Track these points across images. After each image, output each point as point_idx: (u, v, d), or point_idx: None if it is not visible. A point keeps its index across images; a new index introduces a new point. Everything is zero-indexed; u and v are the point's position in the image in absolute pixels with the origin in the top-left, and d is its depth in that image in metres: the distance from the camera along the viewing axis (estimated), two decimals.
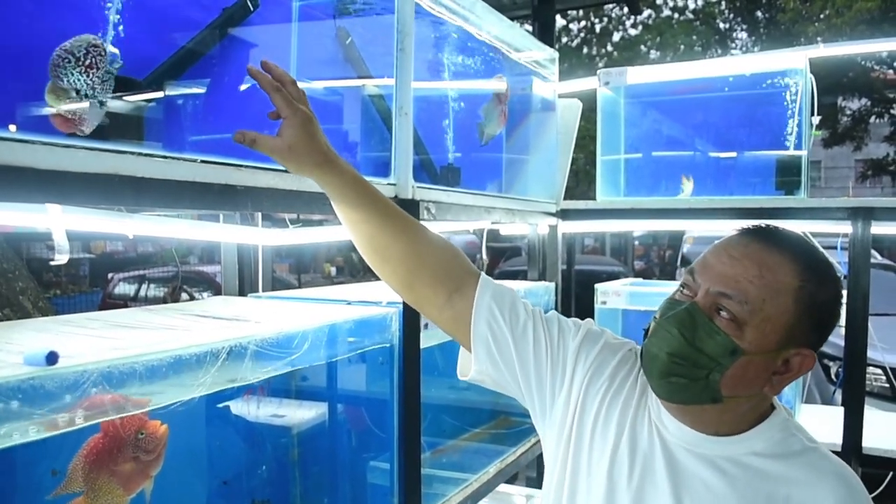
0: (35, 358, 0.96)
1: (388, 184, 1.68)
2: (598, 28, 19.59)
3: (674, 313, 1.06)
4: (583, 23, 19.39)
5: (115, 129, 1.13)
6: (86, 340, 1.23)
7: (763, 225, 1.10)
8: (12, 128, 1.02)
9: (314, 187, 1.43)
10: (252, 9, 1.49)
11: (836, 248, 2.98)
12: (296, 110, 1.09)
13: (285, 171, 1.37)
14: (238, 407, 1.73)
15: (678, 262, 12.36)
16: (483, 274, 1.27)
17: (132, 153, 1.05)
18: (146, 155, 1.07)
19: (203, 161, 1.14)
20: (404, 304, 1.72)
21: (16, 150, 0.90)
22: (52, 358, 0.96)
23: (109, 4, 1.15)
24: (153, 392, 1.11)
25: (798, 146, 2.82)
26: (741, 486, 1.06)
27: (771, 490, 1.05)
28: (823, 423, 2.88)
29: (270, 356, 1.33)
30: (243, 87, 1.51)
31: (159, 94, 1.30)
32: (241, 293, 2.15)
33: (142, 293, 9.70)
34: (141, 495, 1.17)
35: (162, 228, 1.40)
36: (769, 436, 1.09)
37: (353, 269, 18.63)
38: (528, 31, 3.92)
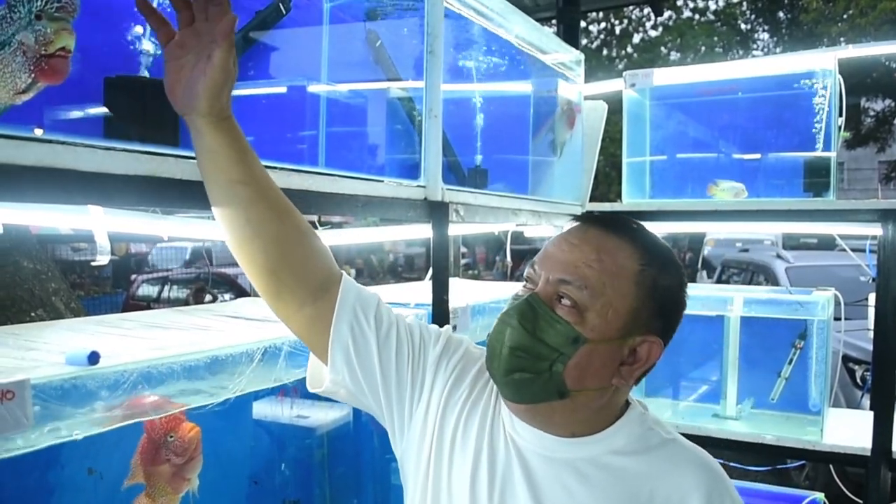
0: (77, 358, 0.97)
1: (418, 186, 1.69)
2: (618, 30, 19.54)
3: (514, 305, 1.02)
4: (603, 24, 19.35)
5: (149, 130, 1.14)
6: (122, 341, 1.25)
7: (603, 213, 1.08)
8: (38, 131, 1.04)
9: (343, 189, 1.45)
10: (284, 12, 1.50)
11: (864, 250, 2.95)
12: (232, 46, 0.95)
13: (316, 174, 1.38)
14: (268, 408, 1.74)
15: (699, 265, 12.27)
16: (346, 275, 1.15)
17: (171, 156, 1.06)
18: (184, 157, 1.08)
19: None
20: (433, 305, 1.72)
21: (59, 152, 0.91)
22: (93, 358, 0.98)
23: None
24: (190, 392, 1.12)
25: (826, 148, 2.80)
26: (603, 489, 1.02)
27: (634, 488, 1.02)
28: (852, 427, 2.85)
29: (305, 357, 1.34)
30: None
31: None
32: None
33: (164, 294, 9.78)
34: (188, 495, 1.18)
35: (193, 230, 1.41)
36: (627, 432, 1.06)
37: (371, 271, 18.68)
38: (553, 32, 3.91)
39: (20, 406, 0.87)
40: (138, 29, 1.22)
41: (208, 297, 8.77)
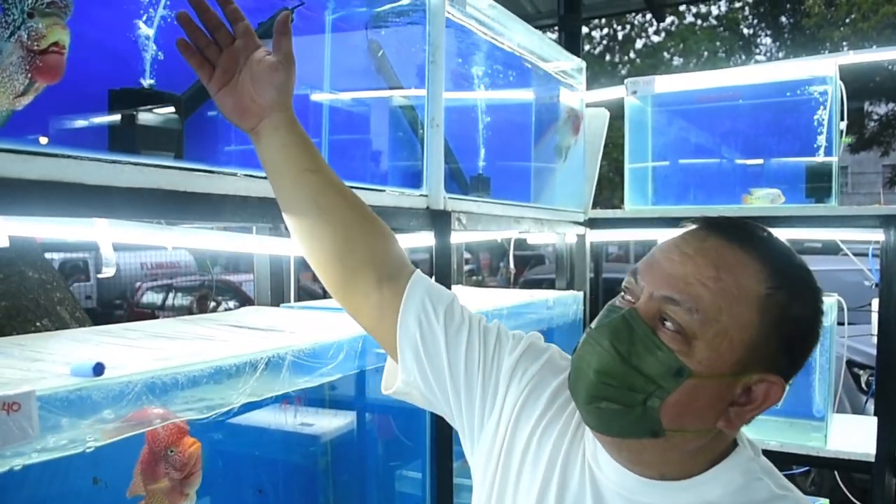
0: (82, 369, 0.98)
1: (420, 195, 1.70)
2: (620, 35, 19.56)
3: (608, 321, 0.86)
4: (605, 30, 19.37)
5: (153, 143, 1.15)
6: (126, 351, 1.25)
7: (727, 218, 0.90)
8: (43, 140, 1.05)
9: None
10: None
11: (867, 255, 2.96)
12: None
13: None
14: (271, 416, 1.75)
15: None
16: (419, 270, 1.11)
17: (175, 168, 1.07)
18: (189, 169, 1.09)
19: (246, 175, 1.16)
20: None
21: (65, 166, 0.92)
22: (98, 369, 0.98)
23: (141, 14, 1.18)
24: (194, 402, 1.13)
25: (828, 153, 2.80)
26: None
27: None
28: (856, 432, 2.85)
29: (307, 367, 1.35)
30: None
31: (197, 109, 1.32)
32: (274, 303, 2.17)
33: (168, 302, 9.81)
34: None
35: (199, 240, 1.43)
36: (727, 480, 0.88)
37: None
38: (553, 39, 3.92)
39: (26, 417, 0.88)
40: (144, 39, 1.23)
41: (212, 304, 8.80)
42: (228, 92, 1.02)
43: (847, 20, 14.79)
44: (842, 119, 2.81)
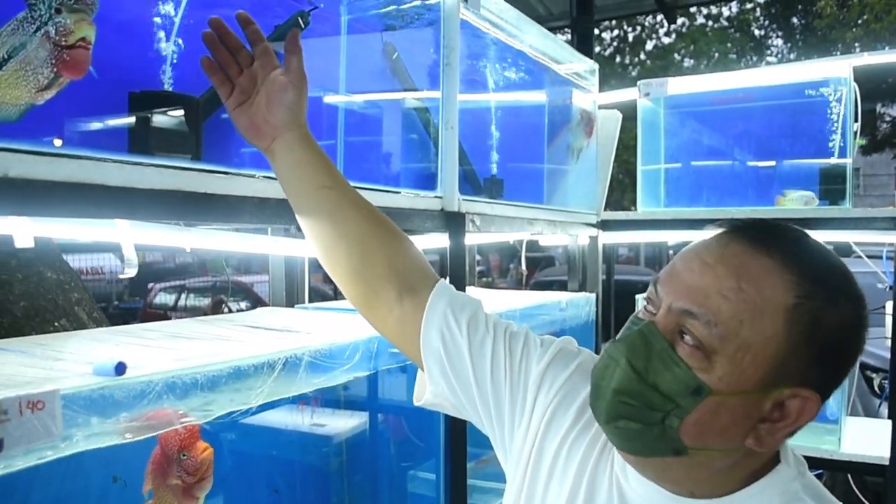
0: (104, 368, 0.99)
1: (435, 197, 1.70)
2: (630, 37, 19.53)
3: (626, 336, 0.82)
4: (615, 32, 19.34)
5: (171, 145, 1.17)
6: (146, 351, 1.27)
7: (754, 220, 0.84)
8: (57, 142, 1.06)
9: None
10: (303, 26, 1.52)
11: (881, 257, 2.94)
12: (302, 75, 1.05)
13: None
14: (284, 416, 1.76)
15: None
16: (442, 280, 1.09)
17: (195, 170, 1.08)
18: (207, 171, 1.10)
19: (264, 176, 1.17)
20: None
21: (88, 167, 0.93)
22: (120, 368, 1.00)
23: (158, 20, 1.19)
24: (213, 402, 1.14)
25: (842, 155, 2.79)
26: None
27: None
28: (870, 435, 2.84)
29: (324, 367, 1.36)
30: None
31: (215, 111, 1.33)
32: (289, 304, 2.18)
33: (181, 303, 9.85)
34: None
35: (216, 241, 1.44)
36: (764, 500, 0.82)
37: None
38: (564, 41, 3.92)
39: (50, 416, 0.89)
40: (163, 43, 1.25)
41: (225, 307, 8.83)
42: (244, 111, 1.05)
43: (859, 21, 14.72)
44: (856, 121, 2.80)
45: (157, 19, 1.20)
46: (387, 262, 1.06)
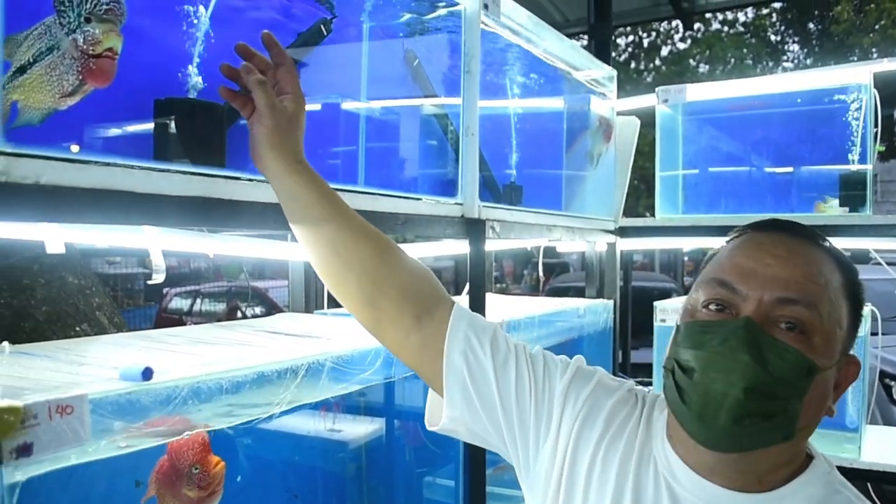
0: (131, 373, 1.00)
1: (455, 203, 1.71)
2: (646, 42, 19.49)
3: (735, 336, 0.83)
4: (630, 37, 19.31)
5: (196, 152, 1.17)
6: (169, 356, 1.27)
7: (777, 218, 0.96)
8: (74, 148, 1.07)
9: (383, 207, 1.47)
10: (326, 33, 1.53)
11: None
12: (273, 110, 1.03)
13: (357, 192, 1.40)
14: (301, 422, 1.77)
15: None
16: (458, 302, 1.10)
17: (220, 177, 1.09)
18: (233, 178, 1.11)
19: None
20: None
21: (117, 174, 0.94)
22: (147, 374, 1.00)
23: (192, 30, 1.20)
24: (237, 407, 1.14)
25: (862, 161, 2.77)
26: None
27: None
28: (890, 444, 2.81)
29: (345, 373, 1.36)
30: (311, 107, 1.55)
31: (239, 118, 1.34)
32: (308, 310, 2.19)
33: (196, 308, 9.90)
34: None
35: (238, 247, 1.45)
36: (809, 493, 0.88)
37: None
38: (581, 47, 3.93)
39: (78, 420, 0.89)
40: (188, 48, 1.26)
41: (239, 312, 8.87)
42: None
43: (876, 26, 14.62)
44: (876, 126, 2.79)
45: (183, 26, 1.21)
46: (400, 289, 1.06)
